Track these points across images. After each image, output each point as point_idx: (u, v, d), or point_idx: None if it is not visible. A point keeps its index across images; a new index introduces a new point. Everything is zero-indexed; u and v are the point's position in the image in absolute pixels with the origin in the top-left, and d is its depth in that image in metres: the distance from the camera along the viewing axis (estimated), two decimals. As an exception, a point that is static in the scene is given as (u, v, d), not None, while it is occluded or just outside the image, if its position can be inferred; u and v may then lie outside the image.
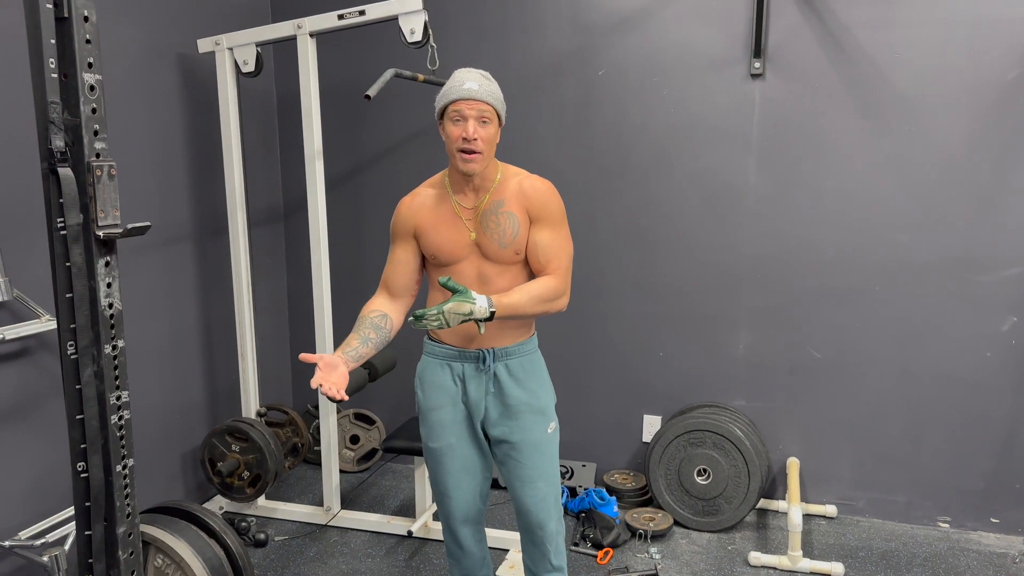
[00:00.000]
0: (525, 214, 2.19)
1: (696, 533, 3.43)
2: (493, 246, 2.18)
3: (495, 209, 2.19)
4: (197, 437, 3.65)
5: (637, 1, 3.49)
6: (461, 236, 2.20)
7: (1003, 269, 3.23)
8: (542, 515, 2.32)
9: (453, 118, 2.11)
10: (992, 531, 3.40)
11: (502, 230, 2.18)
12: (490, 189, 2.20)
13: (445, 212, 2.22)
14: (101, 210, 1.50)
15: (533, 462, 2.29)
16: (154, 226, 3.33)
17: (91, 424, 1.57)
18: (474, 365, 2.26)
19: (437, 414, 2.31)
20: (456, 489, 2.35)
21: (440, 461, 2.34)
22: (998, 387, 3.31)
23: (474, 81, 2.11)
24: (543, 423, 2.30)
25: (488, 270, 2.21)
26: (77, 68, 1.45)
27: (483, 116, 2.11)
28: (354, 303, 4.10)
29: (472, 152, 2.10)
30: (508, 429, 2.27)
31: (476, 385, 2.27)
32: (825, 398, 3.53)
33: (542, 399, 2.30)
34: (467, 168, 2.12)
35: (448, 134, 2.13)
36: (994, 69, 3.13)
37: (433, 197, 2.25)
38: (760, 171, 3.45)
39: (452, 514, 2.39)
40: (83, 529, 1.63)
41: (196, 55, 3.47)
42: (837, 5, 3.26)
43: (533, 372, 2.31)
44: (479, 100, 2.10)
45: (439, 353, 2.31)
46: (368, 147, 3.98)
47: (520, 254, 2.21)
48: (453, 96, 2.11)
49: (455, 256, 2.22)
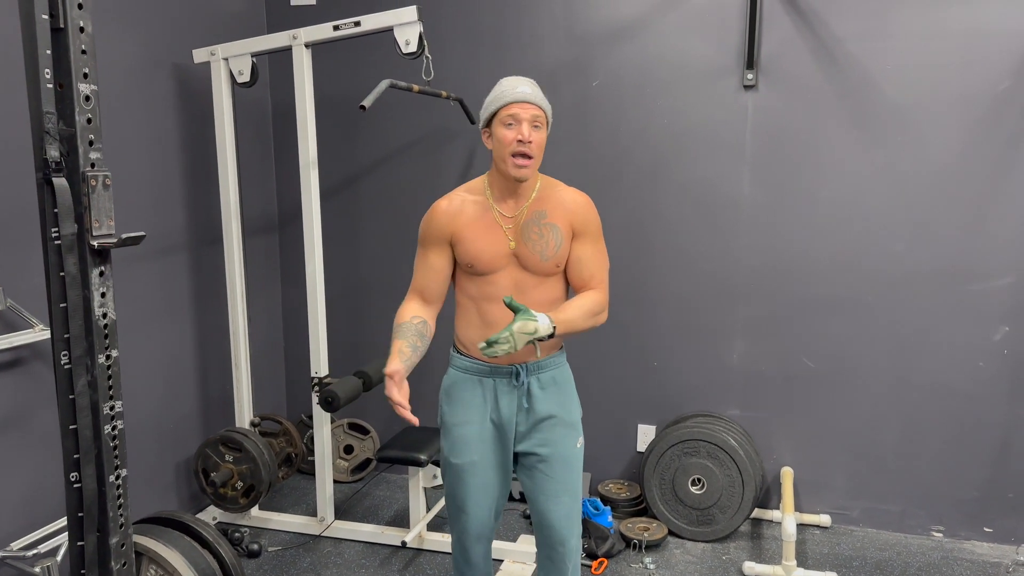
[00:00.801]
0: (568, 227, 2.18)
1: (690, 543, 3.42)
2: (535, 258, 2.14)
3: (537, 220, 2.15)
4: (191, 447, 3.64)
5: (632, 12, 3.51)
6: (501, 246, 2.15)
7: (995, 279, 3.25)
8: (565, 531, 2.28)
9: (506, 122, 2.07)
10: (985, 540, 3.41)
11: (545, 242, 2.15)
12: (530, 198, 2.17)
13: (486, 220, 2.15)
14: (96, 220, 1.51)
15: (561, 476, 2.25)
16: (149, 236, 3.33)
17: (84, 434, 1.56)
18: (507, 381, 2.20)
19: (462, 430, 2.25)
20: (475, 507, 2.28)
21: (460, 478, 2.27)
22: (991, 396, 3.32)
23: (527, 85, 2.09)
24: (573, 437, 2.27)
25: (525, 281, 2.16)
26: (73, 78, 1.46)
27: (536, 120, 2.08)
28: (348, 313, 4.10)
29: (526, 156, 2.06)
30: (538, 442, 2.23)
31: (509, 401, 2.22)
32: (819, 408, 3.54)
33: (572, 413, 2.28)
34: (520, 174, 2.08)
35: (500, 138, 2.08)
36: (986, 80, 3.16)
37: (473, 203, 2.17)
38: (754, 181, 3.47)
39: (467, 531, 2.33)
40: (76, 540, 1.62)
41: (191, 65, 3.48)
42: (830, 17, 3.28)
43: (564, 385, 2.28)
44: (533, 104, 2.07)
45: (470, 368, 2.25)
46: (363, 157, 3.99)
47: (560, 267, 2.19)
48: (507, 99, 2.07)
49: (493, 266, 2.15)
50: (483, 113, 2.14)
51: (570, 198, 2.20)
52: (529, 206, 2.16)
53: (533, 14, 3.64)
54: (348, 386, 3.30)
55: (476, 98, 3.73)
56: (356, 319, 4.12)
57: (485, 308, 2.20)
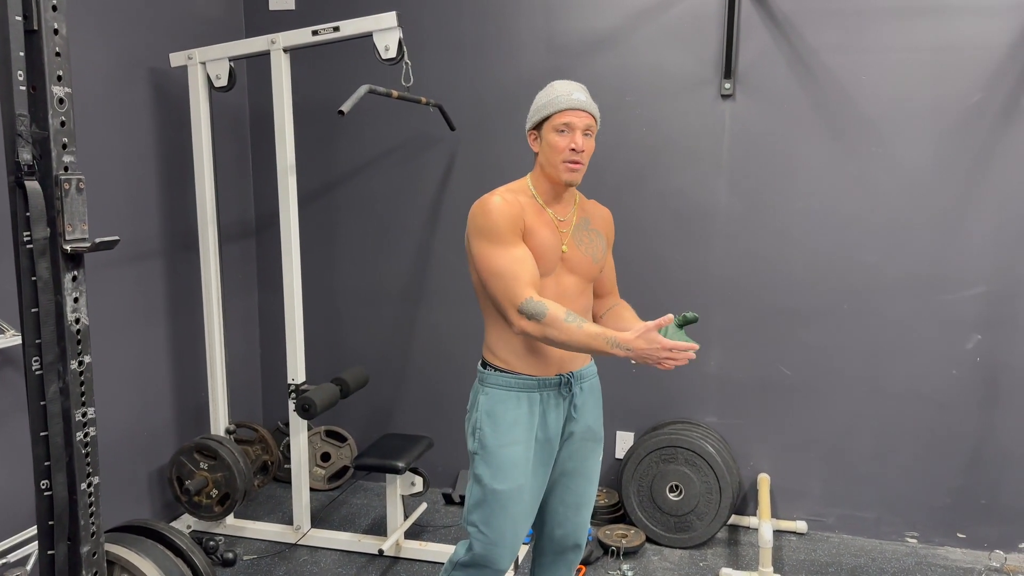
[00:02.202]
0: (608, 237, 2.27)
1: (668, 550, 3.43)
2: (587, 261, 2.15)
3: (584, 225, 2.18)
4: (165, 455, 3.60)
5: (610, 23, 3.53)
6: (557, 248, 2.11)
7: (967, 288, 3.30)
8: (580, 538, 2.30)
9: (558, 128, 2.04)
10: (959, 546, 3.45)
11: (595, 247, 2.18)
12: (572, 205, 2.19)
13: (545, 221, 2.10)
14: (69, 224, 1.49)
15: (583, 489, 2.25)
16: (123, 241, 3.29)
17: (55, 441, 1.54)
18: (555, 392, 2.14)
19: (510, 451, 2.09)
20: (514, 537, 2.12)
21: (504, 506, 2.10)
22: (964, 404, 3.36)
23: (582, 92, 2.07)
24: (600, 451, 2.28)
25: (571, 287, 2.13)
26: (46, 81, 1.44)
27: (588, 129, 2.07)
28: (325, 319, 4.08)
29: (578, 163, 2.06)
30: (568, 455, 2.20)
31: (556, 415, 2.14)
32: (795, 415, 3.56)
33: (600, 424, 2.29)
34: (571, 178, 2.07)
35: (552, 144, 2.05)
36: (957, 93, 3.21)
37: (529, 204, 2.10)
38: (731, 191, 3.50)
39: (498, 566, 2.16)
40: (46, 548, 1.59)
41: (168, 69, 3.45)
42: (806, 29, 3.32)
43: (598, 397, 2.27)
44: (587, 112, 2.06)
45: (514, 384, 2.11)
46: (342, 163, 3.97)
47: (601, 272, 2.24)
48: (563, 105, 2.04)
49: (547, 269, 2.10)
50: (533, 115, 2.11)
51: (604, 210, 2.31)
52: (576, 212, 2.18)
53: (513, 23, 3.65)
54: (325, 393, 3.28)
55: (455, 105, 3.73)
56: (334, 326, 4.09)
57: None
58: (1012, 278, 3.25)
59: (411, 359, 4.04)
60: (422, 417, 4.04)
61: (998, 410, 3.33)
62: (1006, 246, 3.24)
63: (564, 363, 2.13)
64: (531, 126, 2.12)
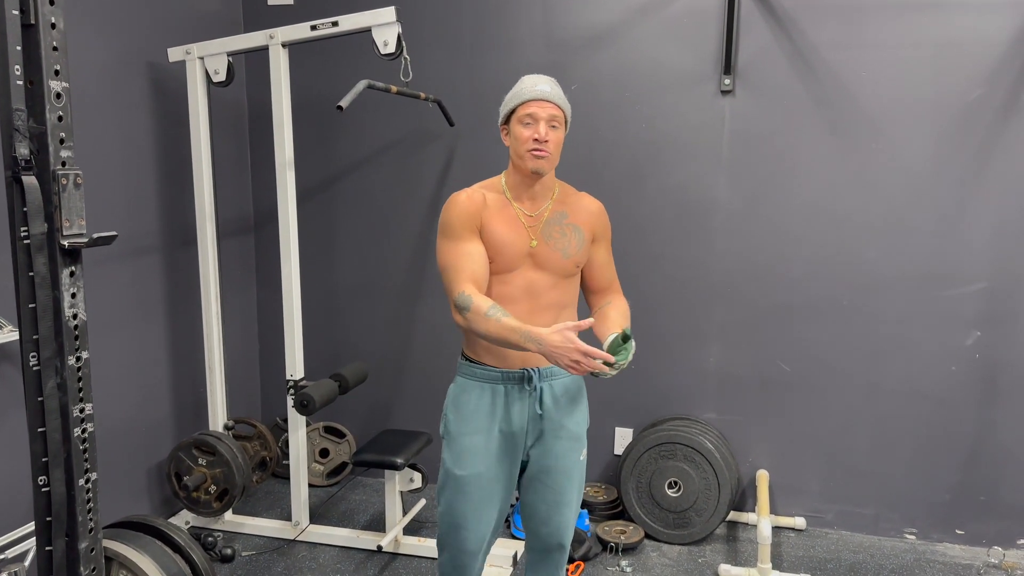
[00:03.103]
0: (590, 231, 2.21)
1: (667, 546, 3.43)
2: (556, 255, 2.14)
3: (559, 220, 2.16)
4: (163, 451, 3.59)
5: (610, 18, 3.52)
6: (522, 243, 2.13)
7: (967, 284, 3.30)
8: (563, 538, 2.28)
9: (523, 120, 2.06)
10: (957, 543, 3.45)
11: (567, 240, 2.15)
12: (549, 199, 2.17)
13: (508, 216, 2.13)
14: (66, 219, 1.48)
15: (563, 488, 2.23)
16: (121, 236, 3.28)
17: (53, 437, 1.53)
18: (519, 386, 2.15)
19: (470, 440, 2.16)
20: (476, 522, 2.20)
21: (463, 490, 2.18)
22: (963, 401, 3.36)
23: (546, 84, 2.08)
24: (578, 449, 2.24)
25: (540, 282, 2.14)
26: (43, 75, 1.43)
27: (554, 120, 2.07)
28: (324, 315, 4.08)
29: (542, 151, 2.06)
30: (542, 453, 2.20)
31: (520, 408, 2.16)
32: (794, 411, 3.56)
33: (580, 424, 2.25)
34: (536, 165, 2.06)
35: (517, 136, 2.07)
36: (958, 89, 3.21)
37: (494, 199, 2.14)
38: (730, 187, 3.49)
39: (463, 548, 2.23)
40: (44, 544, 1.59)
41: (166, 64, 3.44)
42: (806, 25, 3.31)
43: (575, 395, 2.24)
44: (551, 102, 2.07)
45: (479, 375, 2.17)
46: (340, 158, 3.96)
47: (579, 268, 2.20)
48: (526, 96, 2.06)
49: (512, 264, 2.12)
50: (502, 110, 2.14)
51: (590, 202, 2.25)
52: (550, 207, 2.17)
53: (512, 18, 3.64)
54: (324, 389, 3.27)
55: (454, 100, 3.72)
56: (332, 321, 4.09)
57: None
58: (1012, 274, 3.25)
59: (410, 355, 4.03)
60: (421, 413, 4.03)
61: (997, 407, 3.33)
62: (1006, 242, 3.24)
63: (528, 358, 2.14)
64: (501, 121, 2.15)
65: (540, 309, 2.14)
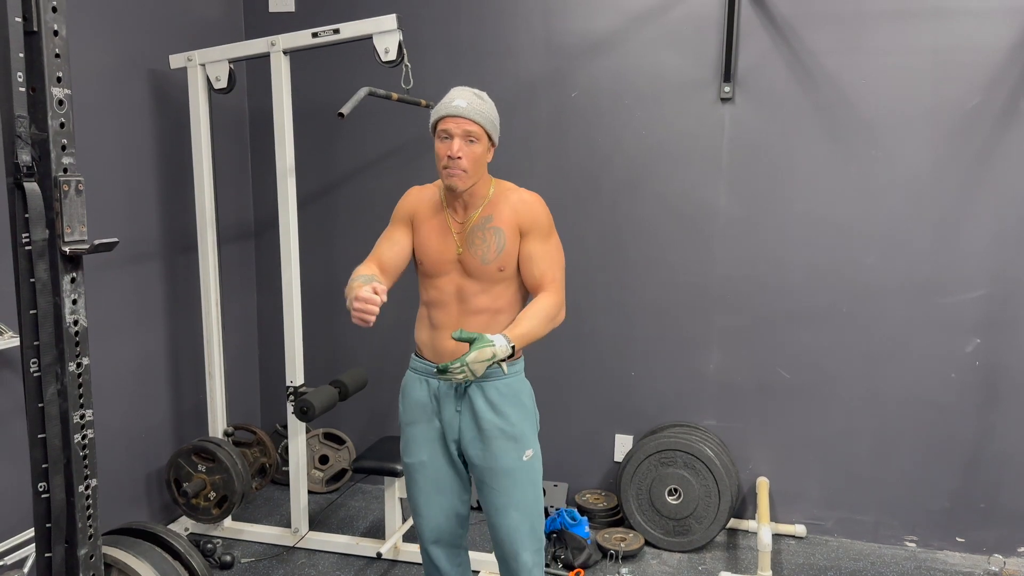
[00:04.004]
0: (514, 229, 2.18)
1: (667, 553, 3.43)
2: (475, 262, 2.17)
3: (483, 225, 2.18)
4: (163, 457, 3.59)
5: (610, 25, 3.53)
6: (448, 250, 2.21)
7: (966, 291, 3.30)
8: (516, 545, 2.26)
9: (440, 135, 2.12)
10: (958, 550, 3.45)
11: (487, 246, 2.16)
12: (480, 206, 2.19)
13: (438, 222, 2.24)
14: (68, 226, 1.48)
15: (505, 489, 2.24)
16: (122, 243, 3.29)
17: (53, 443, 1.53)
18: (448, 383, 2.23)
19: (413, 429, 2.30)
20: (427, 507, 2.33)
21: (412, 477, 2.33)
22: (962, 407, 3.36)
23: (463, 99, 2.11)
24: (516, 450, 2.23)
25: (468, 288, 2.19)
26: (46, 82, 1.44)
27: (470, 135, 2.10)
28: (324, 322, 4.08)
29: (456, 168, 2.09)
30: (479, 453, 2.24)
31: (448, 403, 2.25)
32: (794, 418, 3.56)
33: (516, 425, 2.23)
34: (450, 182, 2.12)
35: (435, 151, 2.14)
36: (956, 96, 3.21)
37: (434, 201, 2.26)
38: (730, 193, 3.50)
39: (422, 533, 2.38)
40: (43, 551, 1.59)
41: (168, 71, 3.45)
42: (805, 32, 3.32)
43: (511, 397, 2.24)
44: (466, 118, 2.09)
45: (419, 368, 2.31)
46: (341, 165, 3.97)
47: (504, 270, 2.18)
48: (441, 112, 2.12)
49: (439, 269, 2.22)
50: (429, 122, 2.19)
51: (516, 198, 2.20)
52: (479, 213, 2.19)
53: (512, 25, 3.65)
54: (324, 395, 3.27)
55: (455, 107, 3.72)
56: (332, 328, 4.09)
57: (433, 312, 2.28)
58: (1011, 281, 3.25)
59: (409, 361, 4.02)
60: (421, 420, 4.02)
61: (997, 413, 3.33)
62: (1005, 249, 3.24)
63: (456, 354, 2.18)
64: (430, 131, 2.20)
65: (469, 313, 2.20)
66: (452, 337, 2.01)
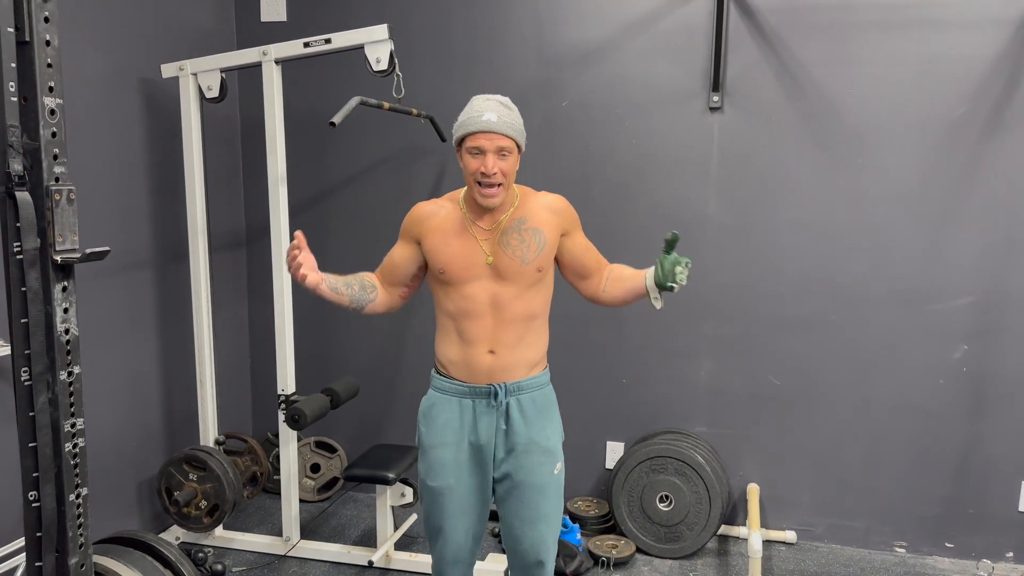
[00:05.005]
0: (555, 230, 2.18)
1: (658, 560, 3.44)
2: (515, 263, 2.12)
3: (517, 226, 2.14)
4: (154, 466, 3.58)
5: (600, 35, 3.56)
6: (475, 257, 2.14)
7: (954, 299, 3.33)
8: (542, 555, 2.27)
9: (471, 151, 2.04)
10: (947, 555, 3.46)
11: (526, 246, 2.13)
12: (507, 210, 2.16)
13: (459, 231, 2.15)
14: (59, 235, 1.49)
15: (536, 503, 2.22)
16: (114, 251, 3.28)
17: (44, 452, 1.54)
18: (485, 401, 2.18)
19: (439, 452, 2.22)
20: (452, 531, 2.25)
21: (436, 501, 2.24)
22: (951, 414, 3.38)
23: (493, 112, 2.03)
24: (550, 463, 2.23)
25: (503, 294, 2.14)
26: (38, 92, 1.45)
27: (502, 150, 2.04)
28: (315, 330, 4.08)
29: (492, 186, 2.05)
30: (513, 468, 2.20)
31: (487, 423, 2.18)
32: (784, 425, 3.58)
33: (551, 438, 2.24)
34: (487, 203, 2.08)
35: (465, 166, 2.08)
36: (943, 106, 3.25)
37: (449, 213, 2.18)
38: (720, 202, 3.52)
39: (443, 556, 2.30)
40: (34, 560, 1.59)
41: (160, 80, 3.46)
42: (793, 42, 3.36)
43: (544, 409, 2.24)
44: (499, 133, 2.02)
45: (448, 389, 2.22)
46: (333, 174, 3.98)
47: (542, 272, 2.17)
48: (471, 128, 2.03)
49: (466, 274, 2.14)
50: (454, 132, 2.12)
51: (550, 201, 2.23)
52: (509, 216, 2.15)
53: (504, 35, 3.67)
54: (315, 404, 3.27)
55: (447, 116, 3.73)
56: (323, 336, 4.09)
57: (463, 325, 2.18)
58: (998, 288, 3.28)
59: (401, 370, 4.04)
60: (412, 428, 3.98)
61: (985, 419, 3.36)
62: (992, 256, 3.27)
63: (495, 373, 2.16)
64: (454, 143, 2.13)
65: (506, 322, 2.15)
66: (674, 236, 2.08)
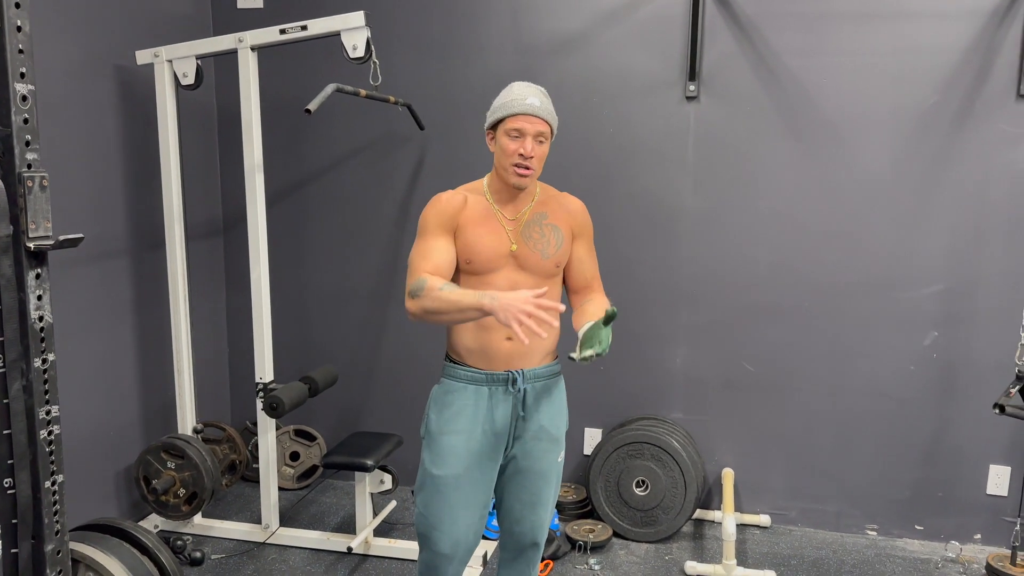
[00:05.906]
0: (569, 230, 2.23)
1: (634, 544, 3.48)
2: (535, 256, 2.16)
3: (538, 221, 2.18)
4: (132, 454, 3.57)
5: (577, 25, 3.57)
6: (502, 245, 2.15)
7: (924, 286, 3.38)
8: (538, 536, 2.31)
9: (510, 133, 2.07)
10: (917, 538, 3.54)
11: (546, 241, 2.17)
12: (530, 203, 2.20)
13: (488, 219, 2.16)
14: (32, 221, 1.49)
15: (539, 488, 2.25)
16: (89, 239, 3.26)
17: (19, 439, 1.54)
18: (503, 388, 2.17)
19: (449, 439, 2.17)
20: (451, 524, 2.19)
21: (439, 490, 2.18)
22: (921, 399, 3.45)
23: (535, 97, 2.07)
24: (556, 451, 2.26)
25: (523, 283, 2.15)
26: (9, 78, 1.44)
27: (541, 135, 2.08)
28: (294, 318, 4.08)
29: (527, 168, 2.08)
30: (520, 453, 2.21)
31: (504, 411, 2.18)
32: (759, 411, 3.63)
33: (560, 427, 2.27)
34: (519, 183, 2.10)
35: (503, 148, 2.09)
36: (915, 96, 3.29)
37: (476, 202, 2.18)
38: (696, 191, 3.55)
39: (436, 549, 2.22)
40: (10, 547, 1.59)
41: (134, 67, 3.43)
42: (769, 32, 3.38)
43: (557, 398, 2.27)
44: (540, 118, 2.07)
45: (464, 377, 2.19)
46: (310, 162, 3.97)
47: (559, 267, 2.22)
48: (515, 110, 2.06)
49: (492, 265, 2.14)
50: (490, 115, 2.15)
51: (569, 202, 2.28)
52: (531, 209, 2.19)
53: (481, 24, 3.67)
54: (293, 392, 3.28)
55: (424, 104, 3.74)
56: (302, 324, 4.09)
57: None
58: (967, 276, 3.34)
59: (380, 358, 4.05)
60: (391, 415, 4.05)
61: (954, 405, 3.42)
62: (961, 245, 3.33)
63: (513, 360, 2.17)
64: (488, 126, 2.16)
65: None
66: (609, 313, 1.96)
